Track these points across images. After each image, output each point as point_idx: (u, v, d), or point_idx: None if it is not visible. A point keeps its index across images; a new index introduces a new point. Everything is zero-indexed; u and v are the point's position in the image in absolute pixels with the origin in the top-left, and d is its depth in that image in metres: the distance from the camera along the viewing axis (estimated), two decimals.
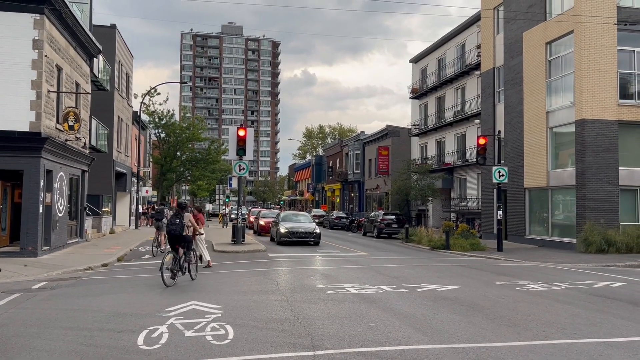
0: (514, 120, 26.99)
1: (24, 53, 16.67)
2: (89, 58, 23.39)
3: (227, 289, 11.21)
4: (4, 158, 16.55)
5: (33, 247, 16.80)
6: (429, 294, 10.58)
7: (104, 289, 11.61)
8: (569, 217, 23.29)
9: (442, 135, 38.21)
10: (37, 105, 16.83)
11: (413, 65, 44.12)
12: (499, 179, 22.59)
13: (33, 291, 11.15)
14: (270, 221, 29.94)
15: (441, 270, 15.19)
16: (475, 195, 32.91)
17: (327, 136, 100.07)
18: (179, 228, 12.15)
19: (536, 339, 7.03)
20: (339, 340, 6.85)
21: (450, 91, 37.31)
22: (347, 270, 14.96)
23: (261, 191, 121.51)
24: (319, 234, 24.30)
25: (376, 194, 48.31)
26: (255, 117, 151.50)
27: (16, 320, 8.14)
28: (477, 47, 32.76)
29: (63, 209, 19.90)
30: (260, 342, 6.77)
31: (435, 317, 8.35)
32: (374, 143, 49.34)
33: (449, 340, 6.90)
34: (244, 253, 19.95)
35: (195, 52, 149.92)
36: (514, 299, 10.12)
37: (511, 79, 27.36)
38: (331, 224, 42.14)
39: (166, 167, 58.79)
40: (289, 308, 9.01)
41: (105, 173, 30.46)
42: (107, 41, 29.09)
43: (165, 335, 7.04)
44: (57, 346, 6.62)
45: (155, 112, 56.01)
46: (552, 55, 24.32)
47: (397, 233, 31.02)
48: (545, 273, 14.57)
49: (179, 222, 12.20)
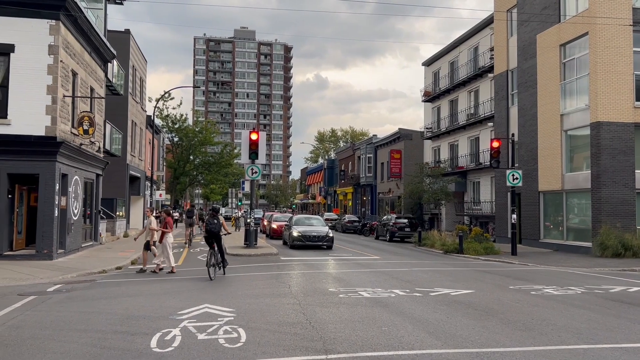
0: (527, 123, 26.76)
1: (40, 58, 16.90)
2: (104, 63, 23.65)
3: (239, 292, 11.23)
4: (20, 162, 16.77)
5: (48, 250, 16.98)
6: (442, 298, 10.50)
7: (118, 291, 11.69)
8: (584, 220, 23.01)
9: (455, 139, 38.00)
10: (53, 109, 17.04)
11: (425, 68, 43.99)
12: (513, 182, 22.39)
13: (48, 294, 11.26)
14: (282, 224, 29.97)
15: (454, 274, 15.08)
16: (488, 199, 32.66)
17: (339, 140, 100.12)
18: (217, 227, 14.13)
19: (551, 344, 6.94)
20: (351, 344, 6.82)
21: (463, 94, 37.12)
22: (359, 274, 14.91)
23: (273, 195, 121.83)
24: (332, 238, 24.23)
25: (388, 197, 48.16)
26: (268, 121, 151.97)
27: (32, 322, 8.22)
28: (490, 49, 32.57)
29: (78, 212, 20.10)
30: (273, 346, 6.76)
31: (448, 321, 8.28)
32: (386, 146, 49.22)
33: (462, 345, 6.83)
34: (256, 256, 19.99)
35: (208, 56, 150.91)
36: (529, 303, 10.01)
37: (525, 81, 27.15)
38: (343, 228, 42.08)
39: (179, 170, 59.20)
40: (301, 311, 8.99)
41: (120, 177, 30.74)
42: (121, 46, 29.40)
43: (178, 338, 7.06)
44: (72, 348, 6.67)
45: (168, 117, 56.49)
46: (567, 58, 24.10)
47: (410, 237, 30.88)
48: (560, 277, 14.39)
49: (217, 222, 14.24)
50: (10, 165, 16.70)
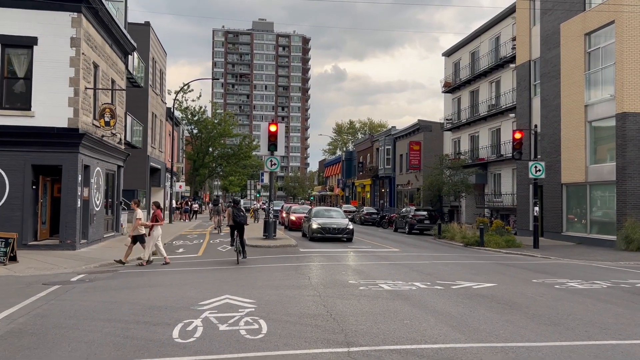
0: (550, 114, 26.28)
1: (62, 51, 17.07)
2: (124, 55, 23.81)
3: (259, 283, 11.25)
4: (44, 154, 17.01)
5: (72, 240, 17.23)
6: (464, 291, 10.37)
7: (140, 282, 11.80)
8: (608, 213, 22.56)
9: (475, 130, 37.53)
10: (75, 101, 17.21)
11: (446, 58, 43.45)
12: (536, 174, 22.03)
13: (72, 283, 11.41)
14: (301, 216, 29.97)
15: (476, 267, 14.91)
16: (510, 191, 32.23)
17: (357, 131, 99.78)
18: (244, 219, 15.89)
19: (578, 339, 6.80)
20: (373, 337, 6.76)
21: (484, 85, 36.60)
22: (379, 266, 14.83)
23: (291, 187, 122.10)
24: (352, 230, 24.01)
25: (407, 189, 47.87)
26: (286, 113, 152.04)
27: (56, 312, 8.33)
28: (512, 39, 32.00)
29: (100, 203, 20.35)
30: (294, 338, 6.74)
31: (471, 315, 8.17)
32: (405, 138, 48.86)
33: (486, 339, 6.73)
34: (275, 248, 20.03)
35: (227, 48, 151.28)
36: (553, 297, 9.83)
37: (548, 71, 26.63)
38: (361, 220, 41.97)
39: (199, 162, 59.65)
40: (321, 303, 8.96)
41: (140, 168, 31.06)
42: (142, 38, 29.60)
43: (199, 329, 7.08)
44: (95, 337, 6.74)
45: (187, 109, 56.85)
46: (592, 47, 23.54)
47: (429, 229, 30.67)
48: (584, 271, 14.13)
49: (243, 214, 15.90)
50: (35, 157, 16.94)
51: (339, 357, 5.95)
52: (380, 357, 5.95)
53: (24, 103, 16.96)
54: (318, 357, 5.95)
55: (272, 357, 5.94)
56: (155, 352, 6.09)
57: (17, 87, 17.23)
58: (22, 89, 17.13)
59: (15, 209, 16.62)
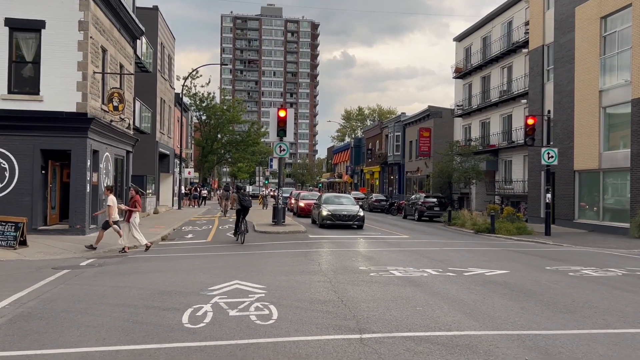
0: (564, 100, 25.84)
1: (70, 34, 16.92)
2: (132, 40, 23.63)
3: (269, 268, 11.15)
4: (53, 138, 16.95)
5: (81, 225, 17.24)
6: (477, 278, 10.21)
7: (149, 267, 11.76)
8: (621, 201, 22.23)
9: (486, 116, 37.09)
10: (84, 86, 17.10)
11: (457, 43, 42.87)
12: (548, 160, 21.70)
13: (81, 268, 11.38)
14: (309, 203, 29.84)
15: (487, 254, 14.74)
16: (521, 178, 31.89)
17: (366, 118, 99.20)
18: (250, 202, 17.47)
19: (596, 328, 6.63)
20: (385, 324, 6.63)
21: (495, 70, 36.08)
22: (389, 252, 14.70)
23: (299, 174, 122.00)
24: (363, 217, 23.68)
25: (417, 176, 47.58)
26: (294, 99, 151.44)
27: (65, 296, 8.28)
28: (525, 24, 31.43)
29: None
30: (305, 324, 6.63)
31: (485, 302, 8.02)
32: (415, 124, 48.45)
33: (502, 327, 6.58)
34: (284, 234, 19.95)
35: (235, 34, 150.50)
36: (568, 284, 9.65)
37: (562, 56, 26.14)
38: (370, 207, 41.79)
39: (207, 149, 59.59)
40: (332, 289, 8.84)
41: (149, 154, 31.02)
42: (150, 23, 29.37)
43: (209, 314, 6.99)
44: (104, 322, 6.67)
45: (196, 95, 56.66)
46: (607, 31, 23.03)
47: (439, 216, 30.45)
48: (598, 258, 13.91)
49: (249, 199, 17.25)
50: (43, 141, 16.90)
51: (351, 343, 5.83)
52: (393, 344, 5.82)
53: (33, 87, 16.88)
54: (330, 343, 5.83)
55: (283, 343, 5.83)
56: (165, 337, 6.00)
57: (25, 71, 17.14)
58: (31, 73, 17.04)
59: (25, 193, 16.62)
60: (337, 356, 5.40)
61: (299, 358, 5.36)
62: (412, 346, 5.75)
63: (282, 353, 5.49)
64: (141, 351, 5.54)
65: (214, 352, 5.53)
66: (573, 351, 5.64)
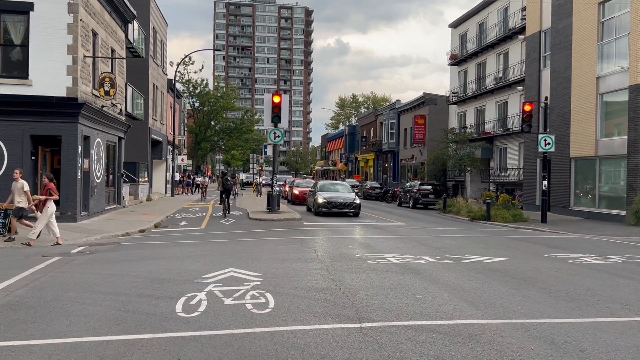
0: (560, 87, 25.66)
1: (59, 17, 16.51)
2: (124, 24, 23.16)
3: (264, 256, 10.95)
4: (43, 124, 16.60)
5: (72, 212, 16.95)
6: (476, 265, 10.05)
7: (142, 254, 11.52)
8: (617, 188, 22.16)
9: (482, 103, 36.88)
10: (74, 70, 16.71)
11: (452, 30, 42.49)
12: (545, 147, 21.55)
13: (72, 255, 11.14)
14: (304, 190, 29.61)
15: (485, 241, 14.61)
16: (516, 166, 31.79)
17: (360, 106, 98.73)
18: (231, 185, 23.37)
19: (600, 316, 6.48)
20: (385, 313, 6.45)
21: (491, 57, 35.80)
22: (385, 240, 14.53)
23: (293, 161, 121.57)
24: (359, 205, 23.46)
25: (411, 164, 47.43)
26: (288, 87, 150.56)
27: (55, 284, 8.04)
28: (521, 10, 31.13)
29: (101, 175, 20.00)
30: (303, 312, 6.43)
31: (485, 290, 7.85)
32: (409, 112, 48.19)
33: (504, 315, 6.41)
34: (279, 221, 19.75)
35: (228, 20, 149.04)
36: (568, 272, 9.51)
37: (559, 42, 25.91)
38: (365, 194, 41.63)
39: (201, 136, 59.15)
40: (329, 277, 8.65)
41: (142, 140, 30.61)
42: (142, 7, 28.80)
43: (204, 303, 6.78)
44: (95, 311, 6.44)
45: (189, 81, 56.07)
46: (605, 17, 22.79)
47: (434, 204, 30.35)
48: (596, 246, 13.81)
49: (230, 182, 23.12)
50: (33, 127, 16.54)
51: (351, 333, 5.64)
52: (394, 333, 5.64)
53: (21, 71, 16.48)
54: (329, 332, 5.64)
55: (281, 332, 5.63)
56: (158, 327, 5.79)
57: (13, 54, 16.73)
58: (19, 56, 16.63)
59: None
60: (336, 346, 5.22)
61: (298, 348, 5.16)
62: (414, 335, 5.57)
63: (280, 343, 5.30)
64: (133, 341, 5.33)
65: (209, 342, 5.32)
66: (579, 340, 5.48)
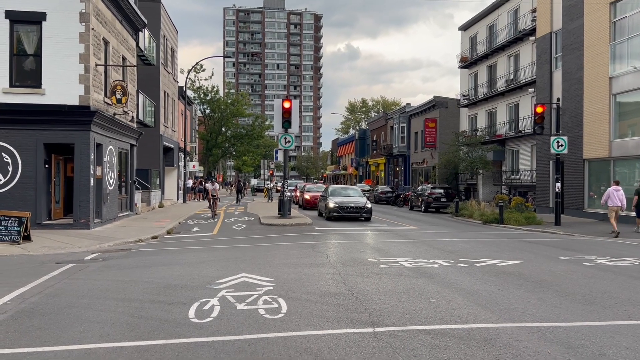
0: (572, 88, 25.44)
1: (71, 26, 16.67)
2: (135, 32, 23.36)
3: (276, 261, 10.94)
4: (56, 132, 16.76)
5: (85, 219, 17.07)
6: (490, 269, 9.96)
7: (155, 260, 11.56)
8: (632, 189, 21.83)
9: (493, 106, 36.66)
10: (86, 78, 16.87)
11: (462, 33, 42.35)
12: (558, 149, 21.35)
13: (85, 262, 11.20)
14: (315, 195, 29.58)
15: (498, 244, 14.48)
16: (528, 168, 31.53)
17: (370, 110, 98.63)
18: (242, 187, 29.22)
19: (618, 319, 6.38)
20: (399, 317, 6.40)
21: (502, 59, 35.61)
22: (398, 244, 14.46)
23: (304, 166, 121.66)
24: (371, 209, 23.23)
25: (422, 167, 47.23)
26: (298, 92, 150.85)
27: (69, 291, 8.09)
28: (531, 11, 30.95)
29: (113, 182, 20.14)
30: (316, 317, 6.40)
31: (500, 293, 7.77)
32: (420, 115, 48.03)
33: (520, 319, 6.33)
34: (291, 226, 19.73)
35: (238, 27, 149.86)
36: (584, 275, 9.38)
37: (570, 43, 25.71)
38: (376, 199, 41.49)
39: (212, 142, 59.36)
40: (342, 282, 8.61)
41: (153, 147, 30.82)
42: (152, 15, 29.07)
43: (216, 309, 6.78)
44: (109, 317, 6.46)
45: (200, 88, 56.38)
46: (617, 16, 22.59)
47: (446, 207, 30.15)
48: (611, 248, 13.63)
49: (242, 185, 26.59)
50: (46, 135, 16.71)
51: (364, 338, 5.60)
52: (408, 337, 5.59)
53: (35, 80, 16.67)
54: (342, 337, 5.60)
55: (294, 337, 5.61)
56: (171, 333, 5.79)
57: (27, 64, 16.93)
58: (32, 66, 16.83)
59: (29, 188, 16.45)
60: (350, 351, 5.18)
61: (311, 353, 5.13)
62: (428, 340, 5.51)
63: (293, 348, 5.27)
64: (146, 347, 5.34)
65: (222, 347, 5.31)
66: (597, 344, 5.40)
